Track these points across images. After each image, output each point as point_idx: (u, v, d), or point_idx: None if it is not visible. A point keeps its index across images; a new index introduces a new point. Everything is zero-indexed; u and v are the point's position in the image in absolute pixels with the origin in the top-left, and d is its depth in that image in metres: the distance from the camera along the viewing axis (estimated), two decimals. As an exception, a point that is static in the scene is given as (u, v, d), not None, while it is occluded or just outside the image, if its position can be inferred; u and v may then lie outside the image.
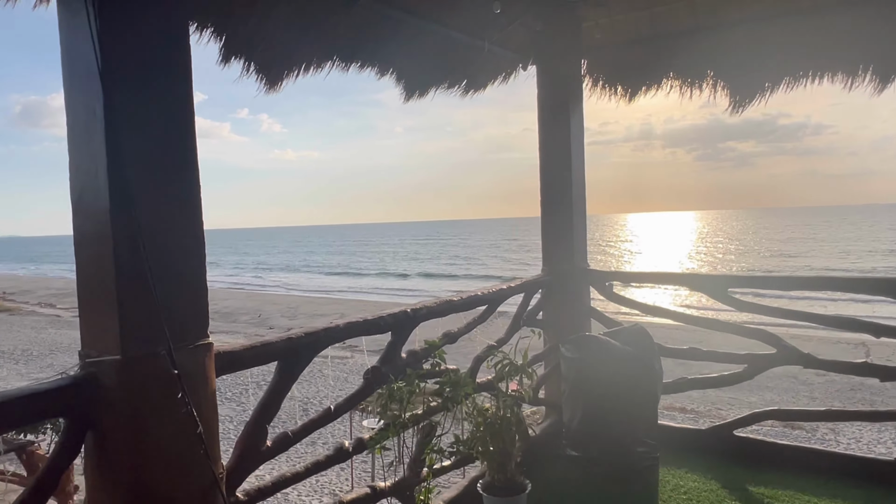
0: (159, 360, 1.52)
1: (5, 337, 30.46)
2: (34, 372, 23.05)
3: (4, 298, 50.26)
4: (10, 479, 9.30)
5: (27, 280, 71.77)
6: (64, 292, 53.21)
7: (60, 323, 36.85)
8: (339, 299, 41.87)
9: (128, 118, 1.49)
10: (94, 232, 1.52)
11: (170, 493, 1.55)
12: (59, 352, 27.75)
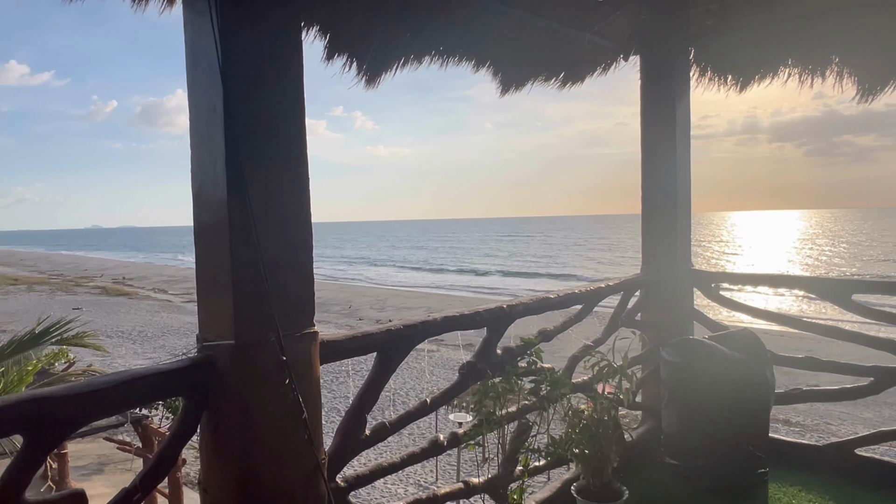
0: (269, 346, 1.57)
1: (125, 318, 33.20)
2: (148, 351, 24.99)
3: (124, 283, 54.82)
4: (128, 448, 10.07)
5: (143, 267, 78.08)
6: (174, 279, 57.29)
7: (171, 307, 39.78)
8: (425, 293, 42.64)
9: (244, 113, 1.55)
10: (212, 222, 1.59)
11: (276, 474, 1.60)
12: (169, 334, 29.94)
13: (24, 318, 30.56)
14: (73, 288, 48.33)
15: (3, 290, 46.54)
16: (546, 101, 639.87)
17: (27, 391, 1.35)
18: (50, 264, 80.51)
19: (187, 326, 30.51)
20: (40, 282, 53.65)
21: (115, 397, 1.45)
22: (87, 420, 1.38)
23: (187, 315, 34.67)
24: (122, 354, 23.05)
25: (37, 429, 1.31)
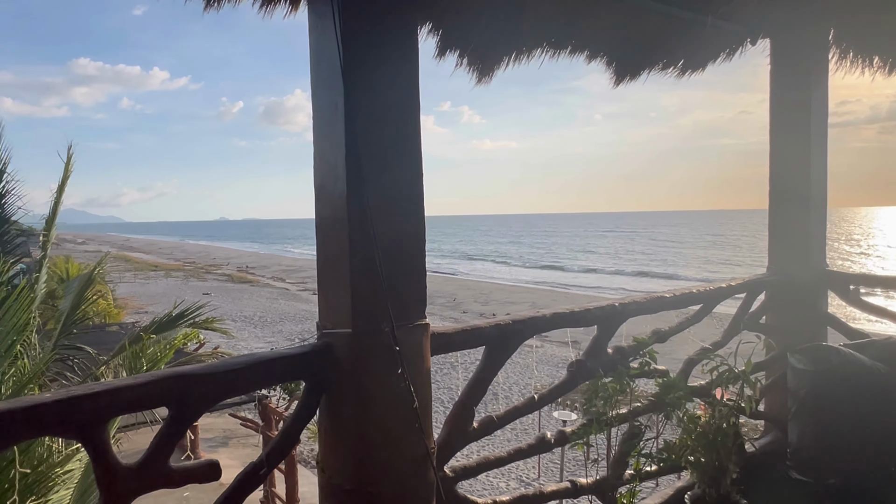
0: (383, 336, 1.62)
1: (248, 304, 35.57)
2: (268, 336, 26.67)
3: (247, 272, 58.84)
4: (249, 425, 10.79)
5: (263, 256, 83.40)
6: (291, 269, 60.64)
7: (288, 295, 42.14)
8: (529, 288, 42.36)
9: (364, 111, 1.61)
10: (332, 216, 1.67)
11: (388, 459, 1.65)
12: (286, 320, 31.73)
13: (163, 301, 33.76)
14: (204, 275, 52.70)
15: (146, 276, 51.64)
16: (661, 89, 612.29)
17: (170, 368, 1.49)
18: (184, 253, 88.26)
19: (302, 313, 32.34)
20: (176, 268, 59.00)
21: (247, 378, 1.56)
22: (223, 397, 1.50)
23: (302, 303, 36.76)
24: (245, 338, 24.86)
25: (180, 403, 1.44)
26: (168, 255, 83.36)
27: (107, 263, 9.85)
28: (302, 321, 29.37)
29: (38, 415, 1.26)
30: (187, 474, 1.47)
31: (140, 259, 73.51)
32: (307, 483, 11.10)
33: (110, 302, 22.31)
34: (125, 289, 38.05)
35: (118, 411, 1.36)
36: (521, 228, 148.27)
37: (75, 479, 4.65)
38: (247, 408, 13.30)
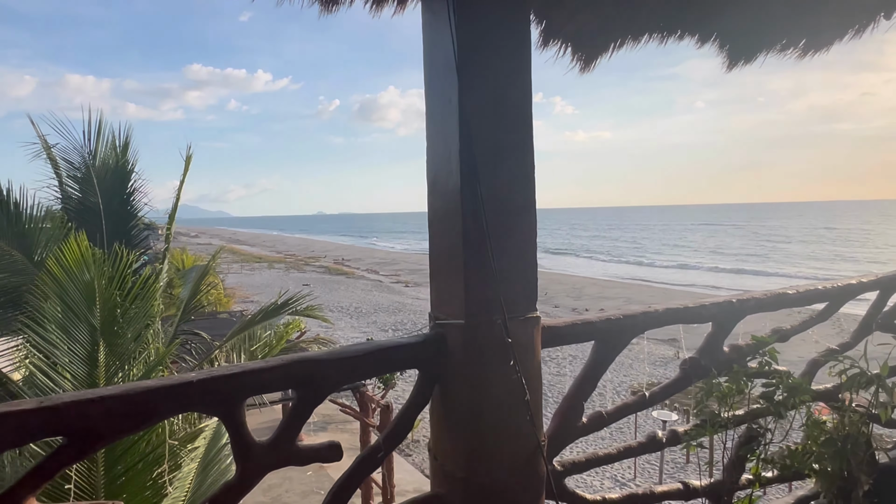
0: (496, 327, 1.64)
1: (343, 295, 36.92)
2: (363, 326, 27.55)
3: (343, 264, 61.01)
4: (347, 411, 11.22)
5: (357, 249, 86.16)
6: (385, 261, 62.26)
7: (382, 287, 43.33)
8: (623, 283, 41.13)
9: (478, 105, 1.62)
10: (446, 209, 1.70)
11: (500, 451, 1.67)
12: (380, 311, 32.65)
13: (266, 291, 35.78)
14: (303, 266, 55.26)
15: (251, 267, 54.85)
16: (771, 72, 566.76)
17: (296, 354, 1.58)
18: (285, 245, 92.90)
19: (395, 305, 33.23)
20: (278, 260, 62.26)
21: (365, 364, 1.63)
22: (343, 382, 1.58)
23: (395, 294, 37.74)
24: (342, 327, 25.88)
25: (307, 386, 1.52)
26: (271, 248, 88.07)
27: (218, 256, 10.51)
28: (395, 313, 30.16)
29: (186, 392, 1.37)
30: (313, 453, 1.55)
31: (246, 251, 78.18)
32: (400, 470, 11.42)
33: (221, 291, 23.88)
34: (233, 279, 40.60)
35: (253, 391, 1.46)
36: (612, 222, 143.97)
37: (200, 455, 5.05)
38: (345, 394, 13.88)
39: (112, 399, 1.30)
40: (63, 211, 8.00)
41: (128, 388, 1.32)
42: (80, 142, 7.87)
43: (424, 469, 13.18)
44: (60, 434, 1.28)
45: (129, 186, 8.20)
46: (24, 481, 1.24)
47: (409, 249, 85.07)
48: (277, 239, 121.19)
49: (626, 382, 17.30)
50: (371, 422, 10.33)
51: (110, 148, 8.17)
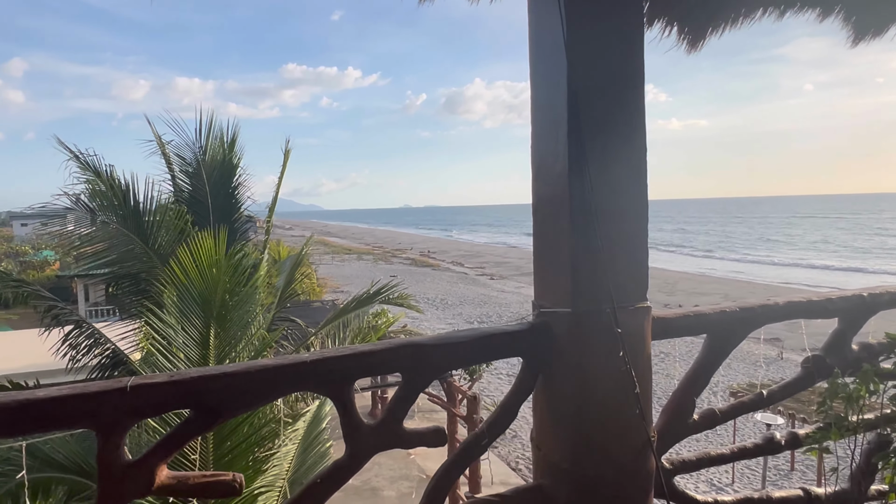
0: (604, 317, 1.58)
1: (430, 287, 37.54)
2: (448, 318, 27.88)
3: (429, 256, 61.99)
4: (435, 399, 11.39)
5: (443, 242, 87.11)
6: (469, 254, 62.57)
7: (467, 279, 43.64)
8: (720, 279, 39.11)
9: (587, 87, 1.56)
10: (552, 195, 1.66)
11: (607, 444, 1.61)
12: (465, 303, 32.93)
13: (356, 281, 36.91)
14: (390, 258, 56.56)
15: (341, 259, 56.78)
16: (890, 50, 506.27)
17: (403, 338, 1.60)
18: (373, 238, 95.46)
19: (480, 297, 33.35)
20: (366, 252, 64.07)
21: (470, 351, 1.62)
22: (448, 367, 1.58)
23: (480, 287, 37.87)
24: (428, 318, 26.29)
25: (413, 370, 1.54)
26: (359, 240, 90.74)
27: (310, 246, 10.91)
28: (480, 305, 30.26)
29: (300, 371, 1.42)
30: (417, 437, 1.56)
31: (336, 243, 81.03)
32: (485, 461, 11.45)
33: (314, 281, 24.87)
34: (324, 269, 42.18)
35: (361, 373, 1.49)
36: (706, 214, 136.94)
37: (299, 438, 5.28)
38: (433, 384, 14.14)
39: (234, 376, 1.36)
40: (176, 203, 8.59)
41: (248, 366, 1.38)
42: (191, 139, 8.41)
43: (510, 461, 13.15)
44: (188, 406, 1.36)
45: (234, 181, 8.69)
46: (157, 449, 1.33)
47: (493, 242, 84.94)
48: (366, 231, 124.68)
49: (722, 382, 16.45)
50: (458, 412, 10.42)
51: (218, 144, 8.68)
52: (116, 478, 1.29)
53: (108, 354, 7.65)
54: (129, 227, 7.72)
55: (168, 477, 1.33)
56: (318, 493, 1.48)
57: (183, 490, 1.36)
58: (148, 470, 1.30)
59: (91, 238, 7.95)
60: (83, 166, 7.78)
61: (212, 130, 8.65)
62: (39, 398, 1.23)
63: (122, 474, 1.29)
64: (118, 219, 7.72)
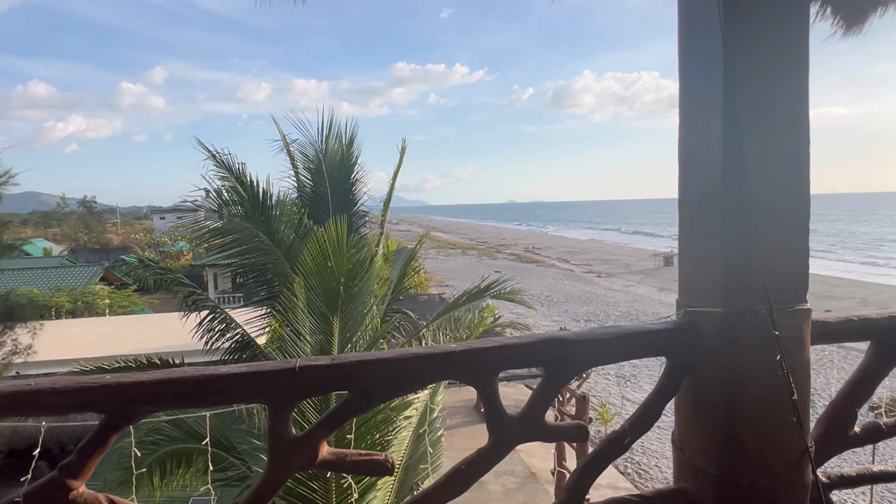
0: (759, 318, 1.50)
1: (534, 283, 37.32)
2: (554, 315, 27.59)
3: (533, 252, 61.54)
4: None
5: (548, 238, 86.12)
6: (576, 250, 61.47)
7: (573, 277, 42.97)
8: (857, 281, 35.59)
9: (746, 74, 1.48)
10: (703, 189, 1.59)
11: (761, 452, 1.53)
12: (571, 301, 32.44)
13: (461, 276, 37.35)
14: (494, 254, 56.66)
15: (446, 253, 57.65)
16: None
17: (547, 333, 1.61)
18: (477, 233, 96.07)
19: (587, 295, 32.60)
20: (471, 247, 64.61)
21: (612, 347, 1.60)
22: (590, 364, 1.57)
23: (586, 284, 37.02)
24: (533, 315, 26.10)
25: (553, 365, 1.54)
26: (464, 235, 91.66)
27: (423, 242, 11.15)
28: (587, 303, 29.58)
29: (449, 361, 1.47)
30: (560, 432, 1.57)
31: (441, 238, 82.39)
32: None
33: (421, 275, 25.46)
34: (430, 264, 43.02)
35: (506, 365, 1.52)
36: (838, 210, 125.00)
37: (413, 424, 5.45)
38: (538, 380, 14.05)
39: (388, 362, 1.43)
40: (298, 199, 9.12)
41: (400, 353, 1.45)
42: (314, 137, 8.89)
43: (617, 464, 12.78)
44: (346, 388, 1.45)
45: (352, 177, 9.09)
46: (319, 426, 1.43)
47: (601, 239, 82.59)
48: (470, 226, 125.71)
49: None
50: (567, 410, 10.27)
51: (337, 142, 9.11)
52: (284, 451, 1.40)
53: (237, 339, 8.29)
54: (257, 221, 8.29)
55: (329, 453, 1.43)
56: (461, 478, 1.52)
57: (341, 466, 1.45)
58: (312, 445, 1.40)
59: (221, 231, 8.64)
60: (218, 164, 8.45)
61: (332, 129, 9.10)
62: (222, 374, 1.36)
63: (289, 448, 1.40)
64: (247, 213, 8.32)
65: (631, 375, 19.48)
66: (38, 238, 60.96)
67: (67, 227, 72.03)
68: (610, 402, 15.86)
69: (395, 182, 10.26)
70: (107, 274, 36.44)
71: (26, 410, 1.31)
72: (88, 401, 1.31)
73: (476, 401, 16.47)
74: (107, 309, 29.75)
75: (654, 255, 52.61)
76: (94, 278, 33.76)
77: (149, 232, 75.35)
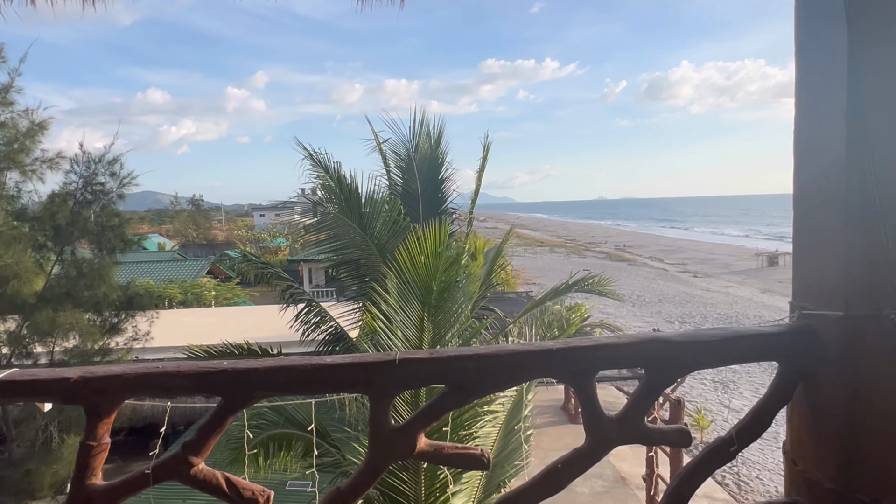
0: (886, 322, 1.38)
1: (625, 283, 36.25)
2: (646, 315, 26.68)
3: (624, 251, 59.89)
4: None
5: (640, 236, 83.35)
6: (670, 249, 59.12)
7: (667, 276, 41.40)
8: None
9: (873, 60, 1.37)
10: (821, 183, 1.49)
11: (886, 468, 1.41)
12: (665, 301, 31.22)
13: (548, 274, 36.86)
14: (583, 252, 55.50)
15: (533, 251, 57.10)
16: None
17: (649, 333, 1.56)
18: (566, 230, 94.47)
19: (682, 296, 31.22)
20: (558, 245, 63.63)
21: (720, 350, 1.53)
22: (695, 367, 1.51)
23: (681, 284, 35.46)
24: (624, 315, 25.33)
25: (656, 366, 1.49)
26: (552, 233, 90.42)
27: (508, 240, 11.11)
28: (682, 304, 28.32)
29: (546, 359, 1.46)
30: (661, 436, 1.52)
31: (528, 235, 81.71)
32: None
33: (508, 272, 25.38)
34: (517, 261, 42.78)
35: (605, 365, 1.49)
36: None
37: (500, 421, 5.45)
38: (631, 383, 13.59)
39: (486, 357, 1.45)
40: (390, 196, 9.34)
41: (498, 349, 1.45)
42: (405, 136, 9.08)
43: (714, 473, 12.17)
44: (444, 382, 1.48)
45: (441, 174, 9.21)
46: (418, 418, 1.46)
47: (698, 237, 78.79)
48: (558, 224, 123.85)
49: None
50: (659, 415, 9.91)
51: (426, 140, 9.25)
52: (385, 440, 1.44)
53: (331, 331, 8.61)
54: (351, 218, 8.57)
55: (427, 444, 1.46)
56: (557, 477, 1.51)
57: (438, 458, 1.48)
58: (411, 436, 1.44)
59: (319, 227, 9.00)
60: (315, 164, 8.81)
61: (422, 127, 9.25)
62: (327, 363, 1.42)
63: (389, 437, 1.44)
64: (342, 210, 8.62)
65: (730, 381, 18.48)
66: (154, 234, 66.22)
67: (178, 223, 77.80)
68: (706, 408, 15.12)
69: (482, 179, 10.29)
70: (213, 268, 39.03)
71: (155, 390, 1.43)
72: (208, 384, 1.42)
73: (563, 400, 16.20)
74: (213, 300, 31.85)
75: (756, 255, 49.57)
76: (201, 272, 36.27)
77: (249, 228, 79.89)
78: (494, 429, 5.73)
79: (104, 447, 1.42)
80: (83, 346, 10.30)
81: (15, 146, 10.33)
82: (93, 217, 11.19)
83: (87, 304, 10.43)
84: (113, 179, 11.33)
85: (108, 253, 11.02)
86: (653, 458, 9.98)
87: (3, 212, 10.51)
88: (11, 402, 1.40)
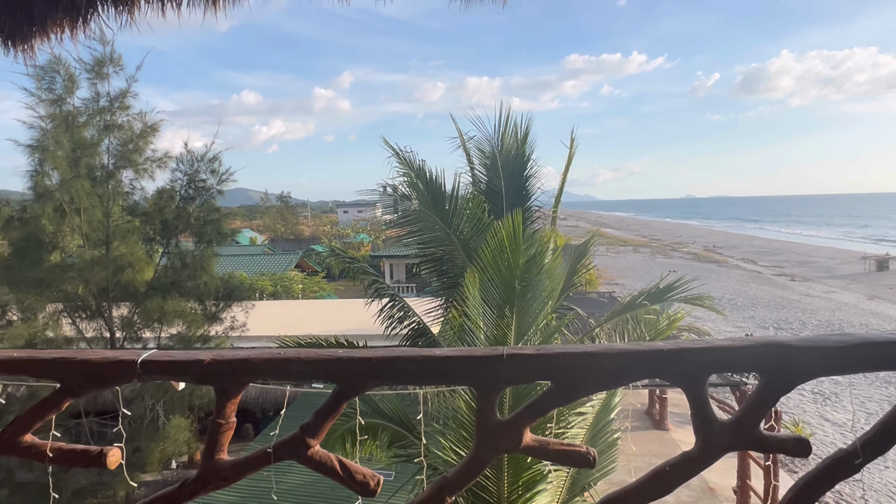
0: None
1: (714, 285, 34.64)
2: (737, 320, 25.38)
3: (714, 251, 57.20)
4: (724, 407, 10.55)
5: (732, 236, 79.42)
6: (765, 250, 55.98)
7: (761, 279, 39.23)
8: None
9: None
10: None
11: None
12: (759, 305, 29.62)
13: (632, 274, 35.81)
14: (669, 252, 53.45)
15: (616, 250, 55.61)
16: None
17: (765, 336, 1.50)
18: (650, 229, 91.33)
19: (778, 300, 29.42)
20: (643, 244, 61.60)
21: (842, 357, 1.44)
22: (816, 374, 1.43)
23: (777, 288, 33.43)
24: (713, 319, 24.19)
25: (773, 372, 1.43)
26: (635, 232, 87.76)
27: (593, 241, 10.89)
28: (777, 309, 26.70)
29: (656, 359, 1.44)
30: (777, 444, 1.46)
31: (610, 234, 79.67)
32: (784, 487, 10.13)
33: (591, 272, 24.89)
34: (598, 261, 41.82)
35: (717, 368, 1.45)
36: None
37: (588, 422, 5.37)
38: (722, 390, 12.98)
39: (594, 355, 1.44)
40: (474, 193, 9.39)
41: (606, 347, 1.45)
42: (489, 133, 9.10)
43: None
44: (550, 379, 1.48)
45: (525, 172, 9.16)
46: (524, 413, 1.48)
47: (796, 238, 73.99)
48: (642, 223, 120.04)
49: None
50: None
51: (511, 137, 9.23)
52: (490, 433, 1.47)
53: (413, 326, 8.77)
54: (436, 215, 8.68)
55: (532, 440, 1.48)
56: (664, 481, 1.48)
57: (543, 453, 1.49)
58: (517, 430, 1.46)
59: (403, 223, 9.19)
60: (401, 161, 8.99)
61: (508, 125, 9.23)
62: (437, 356, 1.47)
63: (495, 431, 1.47)
64: (427, 206, 8.75)
65: (831, 393, 17.25)
66: (245, 228, 69.78)
67: (268, 219, 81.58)
68: (804, 421, 14.20)
69: (566, 176, 10.14)
70: (300, 262, 40.68)
71: (277, 374, 1.53)
72: (325, 371, 1.50)
73: (647, 405, 15.70)
74: (300, 293, 33.20)
75: (863, 258, 45.87)
76: (290, 265, 37.89)
77: (333, 224, 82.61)
78: (582, 430, 5.66)
79: (231, 425, 1.53)
80: (186, 333, 11.04)
81: (130, 146, 11.21)
82: (195, 212, 11.95)
83: (190, 293, 11.16)
84: (213, 176, 12.06)
85: (207, 246, 11.74)
86: (740, 470, 9.50)
87: (118, 207, 11.43)
88: (152, 380, 1.54)
